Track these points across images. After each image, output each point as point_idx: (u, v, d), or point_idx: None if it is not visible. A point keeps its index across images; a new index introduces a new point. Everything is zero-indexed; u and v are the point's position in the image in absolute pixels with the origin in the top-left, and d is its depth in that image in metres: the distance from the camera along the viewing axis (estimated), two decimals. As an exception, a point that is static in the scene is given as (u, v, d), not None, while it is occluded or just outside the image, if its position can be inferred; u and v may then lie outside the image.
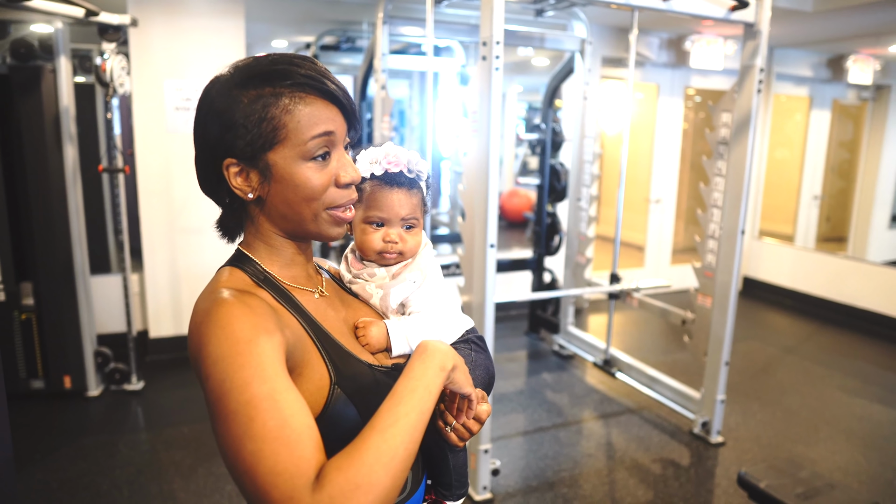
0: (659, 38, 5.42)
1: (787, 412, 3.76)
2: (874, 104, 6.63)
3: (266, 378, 0.72)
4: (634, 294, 3.88)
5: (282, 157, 0.84)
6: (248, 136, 0.83)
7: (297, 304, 0.90)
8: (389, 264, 1.04)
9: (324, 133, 0.85)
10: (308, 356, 0.85)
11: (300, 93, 0.84)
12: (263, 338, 0.76)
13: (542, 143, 4.49)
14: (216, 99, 0.85)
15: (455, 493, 1.02)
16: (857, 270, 5.53)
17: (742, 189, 3.15)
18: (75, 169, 3.57)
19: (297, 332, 0.85)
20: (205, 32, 4.06)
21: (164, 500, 2.78)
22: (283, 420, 0.70)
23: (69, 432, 3.35)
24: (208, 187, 0.91)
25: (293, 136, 0.83)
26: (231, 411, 0.70)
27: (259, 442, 0.68)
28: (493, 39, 2.49)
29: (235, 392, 0.71)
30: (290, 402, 0.72)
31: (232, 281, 0.87)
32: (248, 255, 0.92)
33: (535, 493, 2.90)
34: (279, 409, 0.71)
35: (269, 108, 0.82)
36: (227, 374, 0.72)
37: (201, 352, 0.76)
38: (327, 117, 0.86)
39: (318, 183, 0.86)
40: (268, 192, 0.86)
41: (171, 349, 4.37)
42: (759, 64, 3.02)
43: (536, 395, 3.95)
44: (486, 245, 2.61)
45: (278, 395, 0.72)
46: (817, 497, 2.08)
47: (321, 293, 0.97)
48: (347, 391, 0.86)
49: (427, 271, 1.03)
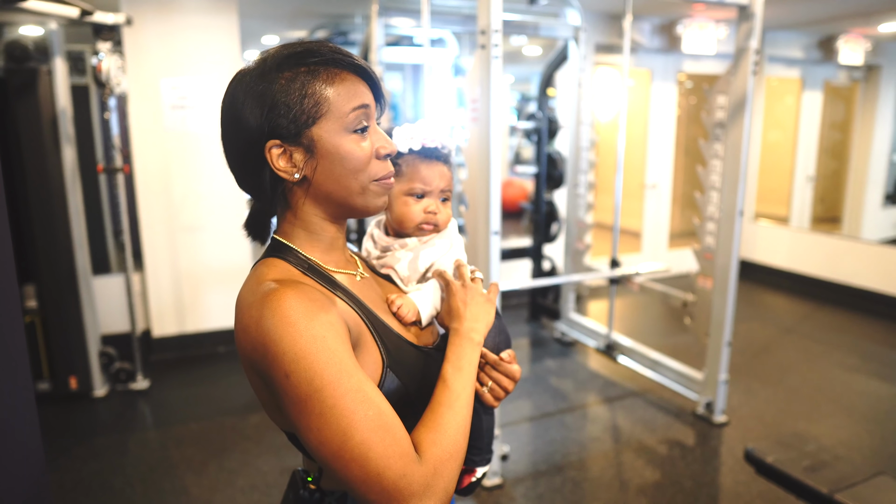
0: (651, 23, 5.44)
1: (788, 390, 3.81)
2: (865, 84, 6.67)
3: (351, 371, 0.77)
4: (635, 279, 3.91)
5: (325, 131, 0.85)
6: (291, 114, 0.84)
7: (346, 289, 0.91)
8: (426, 234, 1.08)
9: (361, 105, 0.87)
10: (363, 339, 0.87)
11: (334, 68, 0.86)
12: (332, 330, 0.79)
13: (539, 132, 4.51)
14: (250, 85, 0.85)
15: (484, 457, 1.06)
16: (852, 250, 5.59)
17: (740, 170, 3.18)
18: (74, 170, 3.57)
19: (351, 317, 0.87)
20: (199, 30, 4.06)
21: (178, 495, 2.80)
22: (378, 409, 0.77)
23: (79, 433, 3.37)
24: (247, 179, 0.90)
25: (335, 108, 0.85)
26: (329, 407, 0.75)
27: (365, 432, 0.75)
28: (491, 28, 2.50)
29: (329, 388, 0.75)
30: (374, 389, 0.79)
31: (277, 272, 0.87)
32: (287, 243, 0.92)
33: (545, 477, 2.93)
34: (371, 399, 0.77)
35: (308, 85, 0.84)
36: (316, 371, 0.75)
37: (270, 349, 0.77)
38: (362, 91, 0.88)
39: (362, 154, 0.87)
40: (314, 169, 0.87)
41: (175, 348, 4.38)
42: (753, 46, 3.04)
43: (541, 382, 3.99)
44: (490, 233, 2.64)
45: (365, 386, 0.78)
46: (824, 469, 2.11)
47: (361, 275, 0.98)
48: (398, 372, 0.89)
49: (454, 240, 1.09)
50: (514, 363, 1.00)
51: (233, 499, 2.77)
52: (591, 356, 4.41)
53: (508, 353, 1.00)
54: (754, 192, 6.43)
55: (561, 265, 4.98)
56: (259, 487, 2.85)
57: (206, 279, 4.37)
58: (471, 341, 0.94)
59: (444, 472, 0.79)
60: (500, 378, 0.99)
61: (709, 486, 2.86)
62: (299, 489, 0.95)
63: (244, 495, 2.79)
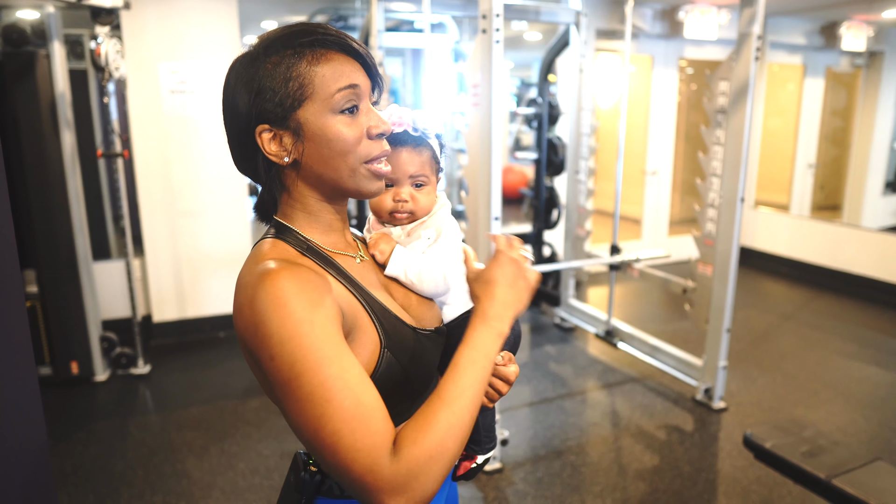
0: (652, 9, 5.40)
1: (787, 377, 3.83)
2: (867, 71, 6.64)
3: (334, 358, 0.75)
4: (635, 265, 3.91)
5: (311, 114, 0.85)
6: (277, 98, 0.84)
7: (343, 271, 0.91)
8: (403, 224, 1.05)
9: (349, 86, 0.86)
10: (360, 321, 0.87)
11: (321, 49, 0.85)
12: (323, 314, 0.78)
13: (539, 118, 4.49)
14: (241, 71, 0.86)
15: (484, 447, 1.06)
16: (852, 237, 5.59)
17: (741, 157, 3.17)
18: (73, 155, 3.56)
19: (347, 299, 0.87)
20: (197, 14, 4.03)
21: (179, 479, 2.82)
22: (357, 399, 0.74)
23: (80, 417, 3.38)
24: (244, 163, 0.91)
25: (319, 90, 0.84)
26: (306, 393, 0.74)
27: (337, 422, 0.73)
28: (492, 12, 2.49)
29: (309, 374, 0.74)
30: (359, 378, 0.76)
31: (276, 252, 0.87)
32: (287, 224, 0.92)
33: (544, 462, 2.95)
34: (351, 389, 0.75)
35: (293, 68, 0.84)
36: (297, 357, 0.75)
37: (259, 330, 0.77)
38: (350, 71, 0.87)
39: (350, 135, 0.86)
40: (302, 152, 0.86)
41: (176, 333, 4.39)
42: (756, 31, 3.02)
43: (540, 367, 4.00)
44: (491, 218, 2.63)
45: (347, 374, 0.75)
46: (822, 455, 2.13)
47: (361, 258, 0.99)
48: (396, 354, 0.89)
49: (442, 229, 1.04)
50: (511, 365, 0.98)
51: (234, 482, 2.78)
52: (590, 342, 4.42)
53: (503, 356, 0.98)
54: (755, 180, 6.42)
55: (561, 251, 4.99)
56: (260, 471, 2.86)
57: (206, 264, 4.37)
58: (495, 331, 0.85)
59: (422, 473, 0.72)
60: (494, 381, 0.97)
61: (707, 471, 2.88)
62: (300, 471, 0.96)
63: (245, 479, 2.81)
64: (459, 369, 0.81)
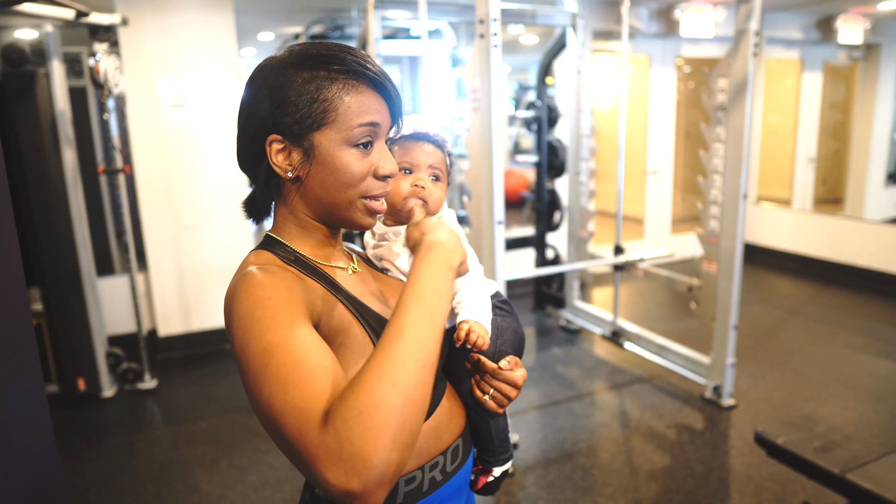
0: (648, 8, 5.41)
1: (796, 372, 3.81)
2: (865, 63, 6.63)
3: (279, 326, 0.73)
4: (639, 265, 3.91)
5: (327, 139, 0.85)
6: (298, 114, 0.84)
7: (333, 282, 0.91)
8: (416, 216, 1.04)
9: (370, 123, 0.86)
10: (348, 327, 0.87)
11: (354, 80, 0.86)
12: (282, 293, 0.77)
13: (538, 121, 4.49)
14: (270, 76, 0.86)
15: (499, 458, 1.05)
16: (855, 230, 5.57)
17: (742, 153, 3.16)
18: (75, 172, 3.57)
19: (330, 303, 0.87)
20: (195, 28, 4.04)
21: (189, 493, 2.81)
22: (295, 360, 0.69)
23: (89, 433, 3.38)
24: (247, 163, 0.92)
25: (341, 120, 0.85)
26: (248, 363, 0.72)
27: (271, 385, 0.68)
28: (489, 17, 2.49)
29: (253, 344, 0.72)
30: (304, 344, 0.71)
31: (259, 260, 0.89)
32: (279, 238, 0.93)
33: (555, 465, 2.94)
34: (290, 352, 0.70)
35: (322, 91, 0.84)
36: (246, 331, 0.74)
37: (229, 322, 0.78)
38: (375, 108, 0.87)
39: (357, 170, 0.87)
40: (307, 172, 0.87)
41: (182, 347, 4.39)
42: (753, 27, 3.02)
43: (548, 370, 3.99)
44: (494, 222, 2.63)
45: (291, 340, 0.71)
46: (835, 450, 2.11)
47: (354, 270, 0.99)
48: None
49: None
50: (518, 369, 0.98)
51: (244, 495, 2.78)
52: (597, 343, 4.41)
53: (508, 361, 0.98)
54: (756, 175, 6.41)
55: (564, 253, 4.98)
56: (270, 483, 2.85)
57: (210, 276, 4.37)
58: (441, 260, 0.79)
59: (353, 432, 0.61)
60: (502, 386, 0.97)
61: (719, 469, 2.87)
62: (314, 489, 0.95)
63: (256, 491, 2.80)
64: (401, 307, 0.73)
